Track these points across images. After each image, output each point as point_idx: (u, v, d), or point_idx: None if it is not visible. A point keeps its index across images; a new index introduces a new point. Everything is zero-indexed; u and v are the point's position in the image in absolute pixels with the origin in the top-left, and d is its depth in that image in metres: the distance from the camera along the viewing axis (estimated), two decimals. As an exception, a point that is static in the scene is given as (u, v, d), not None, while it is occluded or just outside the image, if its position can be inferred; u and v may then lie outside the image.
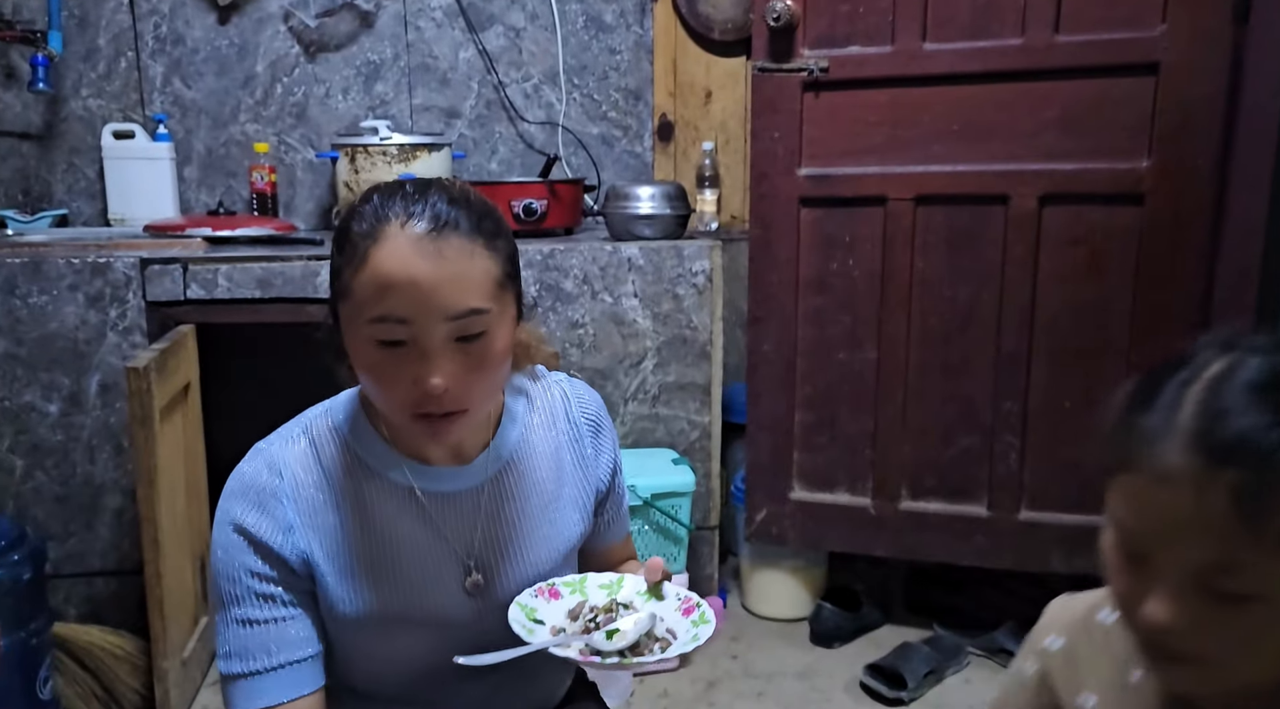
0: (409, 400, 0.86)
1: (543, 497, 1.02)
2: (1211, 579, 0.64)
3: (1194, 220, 1.92)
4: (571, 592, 1.01)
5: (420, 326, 0.84)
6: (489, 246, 0.87)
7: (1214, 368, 0.67)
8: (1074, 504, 2.07)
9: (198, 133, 2.55)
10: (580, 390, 1.09)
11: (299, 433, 0.97)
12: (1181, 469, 0.64)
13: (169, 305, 2.04)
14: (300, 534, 0.93)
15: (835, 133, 2.10)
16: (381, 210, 0.86)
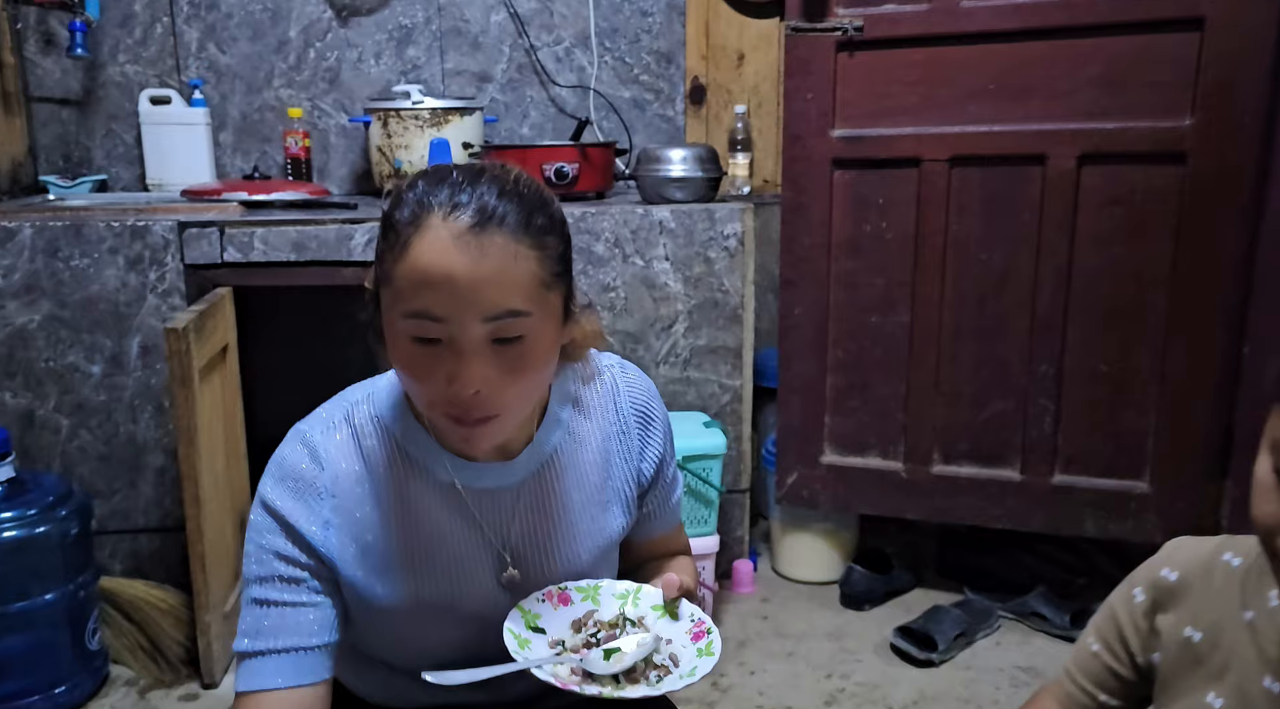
0: (441, 398, 0.84)
1: (586, 491, 1.00)
2: None
3: (1237, 180, 1.88)
4: (584, 598, 0.96)
5: (455, 326, 0.81)
6: (536, 245, 0.83)
7: None
8: (1108, 468, 2.06)
9: (232, 98, 2.57)
10: (632, 379, 1.04)
11: (340, 419, 0.95)
12: None
13: (206, 268, 2.07)
14: (336, 531, 0.92)
15: (869, 93, 2.08)
16: (426, 198, 0.82)
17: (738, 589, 2.30)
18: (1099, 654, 0.91)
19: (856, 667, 2.00)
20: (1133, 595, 0.89)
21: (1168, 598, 0.86)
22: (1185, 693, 0.84)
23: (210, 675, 1.91)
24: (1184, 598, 0.85)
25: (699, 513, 2.14)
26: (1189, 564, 0.86)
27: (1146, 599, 0.88)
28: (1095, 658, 0.91)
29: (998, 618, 2.13)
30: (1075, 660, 0.94)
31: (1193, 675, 0.83)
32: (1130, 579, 0.91)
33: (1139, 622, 0.88)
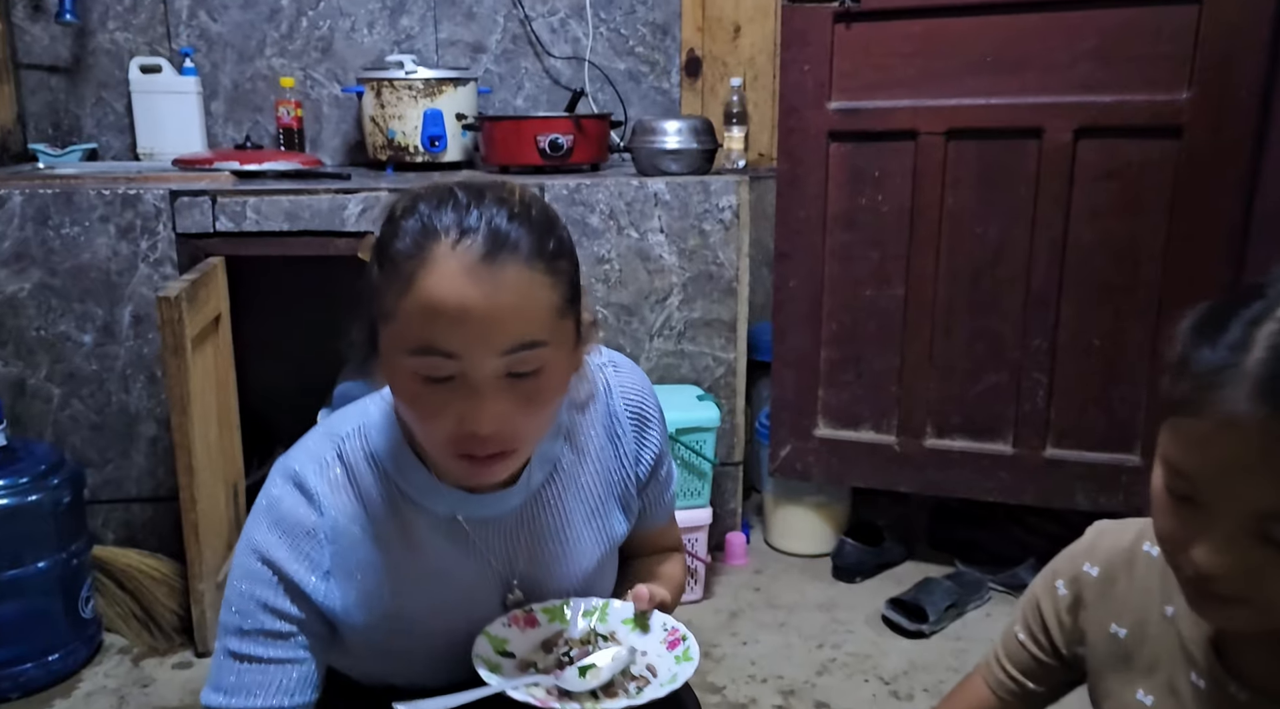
0: (452, 438, 0.78)
1: (588, 502, 0.97)
2: (1270, 529, 0.62)
3: (1233, 155, 1.87)
4: (550, 620, 0.94)
5: (470, 362, 0.75)
6: (550, 270, 0.77)
7: None
8: (1100, 442, 2.07)
9: (224, 67, 2.54)
10: (625, 380, 1.00)
11: (332, 458, 0.89)
12: (1248, 416, 0.60)
13: (198, 237, 2.05)
14: (336, 581, 0.87)
15: (866, 65, 2.07)
16: (430, 225, 0.75)
17: (730, 561, 2.31)
18: (1025, 644, 0.89)
19: (848, 637, 2.02)
20: (1055, 588, 0.87)
21: (1090, 594, 0.85)
22: (1115, 689, 0.83)
23: (204, 644, 1.91)
24: (1107, 593, 0.84)
25: (692, 485, 2.15)
26: (1111, 557, 0.84)
27: (1069, 595, 0.86)
28: (1022, 648, 0.90)
29: (988, 590, 2.15)
30: (1003, 647, 0.92)
31: (1121, 672, 0.83)
32: (1054, 568, 0.89)
33: (1063, 617, 0.87)
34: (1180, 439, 0.66)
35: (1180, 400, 0.65)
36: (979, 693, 0.91)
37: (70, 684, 1.84)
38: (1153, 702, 0.80)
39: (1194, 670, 0.77)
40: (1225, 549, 0.64)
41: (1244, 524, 0.63)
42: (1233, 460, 0.62)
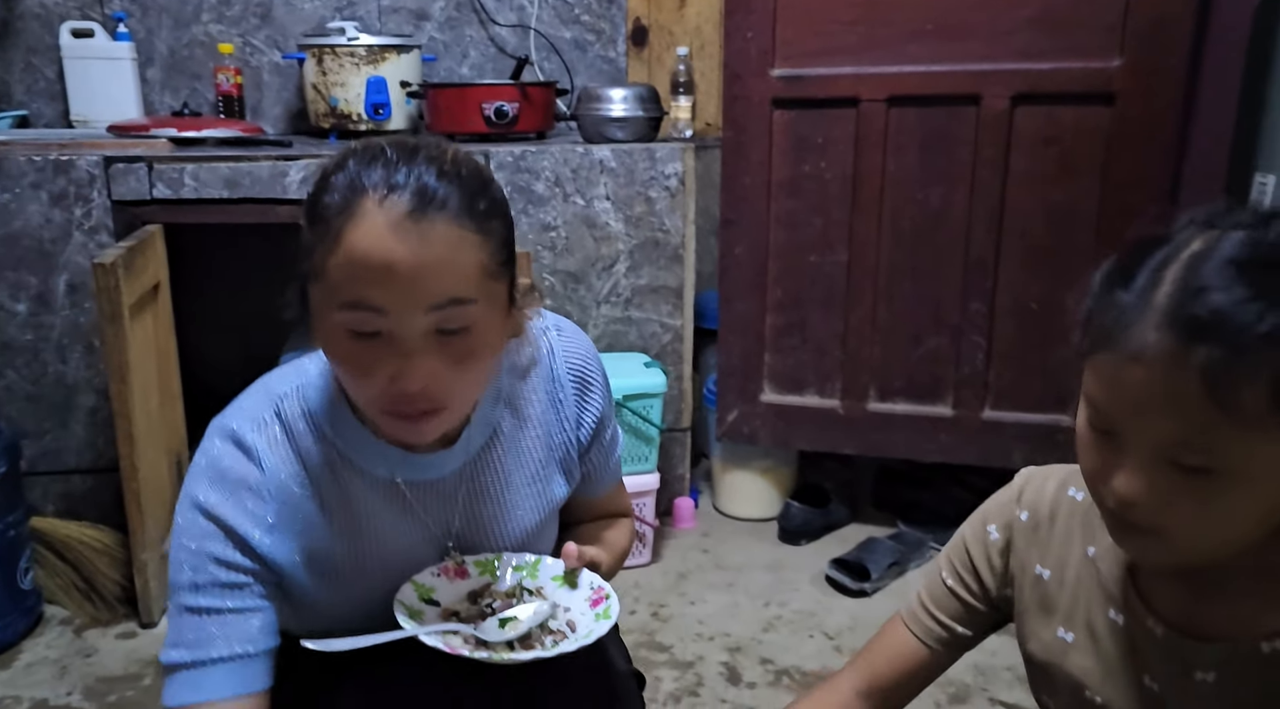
0: (383, 395, 0.79)
1: (529, 466, 0.98)
2: (1179, 455, 0.65)
3: (1163, 121, 1.93)
4: (481, 572, 0.95)
5: (397, 318, 0.76)
6: (480, 230, 0.78)
7: (1194, 246, 0.66)
8: (1036, 404, 2.12)
9: (159, 33, 2.48)
10: (568, 344, 1.00)
11: (270, 417, 0.89)
12: (1155, 347, 0.63)
13: (135, 205, 2.01)
14: (279, 535, 0.88)
15: (809, 32, 2.08)
16: (358, 181, 0.76)
17: (679, 525, 2.34)
18: (954, 590, 0.91)
19: (793, 596, 2.06)
20: (987, 532, 0.89)
21: (1020, 538, 0.87)
22: (1039, 629, 0.86)
23: (148, 614, 1.89)
24: (1034, 537, 0.86)
25: (640, 451, 2.17)
26: (1038, 502, 0.87)
27: (1001, 539, 0.88)
28: (950, 593, 0.92)
29: (929, 549, 2.20)
30: (928, 592, 0.94)
31: (1045, 612, 0.86)
32: (984, 514, 0.91)
33: (994, 560, 0.89)
34: (1098, 375, 0.69)
35: (1097, 339, 0.68)
36: (903, 640, 0.93)
37: (10, 656, 1.81)
38: (1073, 639, 0.84)
39: (1112, 607, 0.81)
40: (1140, 476, 0.67)
41: (1156, 452, 0.66)
42: (1143, 391, 0.65)
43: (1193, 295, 0.63)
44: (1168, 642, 0.77)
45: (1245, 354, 0.61)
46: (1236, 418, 0.62)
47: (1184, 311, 0.63)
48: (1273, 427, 0.62)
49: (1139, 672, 0.79)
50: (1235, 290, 0.62)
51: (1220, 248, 0.65)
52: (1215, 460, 0.64)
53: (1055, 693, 0.88)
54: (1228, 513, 0.67)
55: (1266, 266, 0.63)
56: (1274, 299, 0.61)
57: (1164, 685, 0.78)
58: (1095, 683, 0.82)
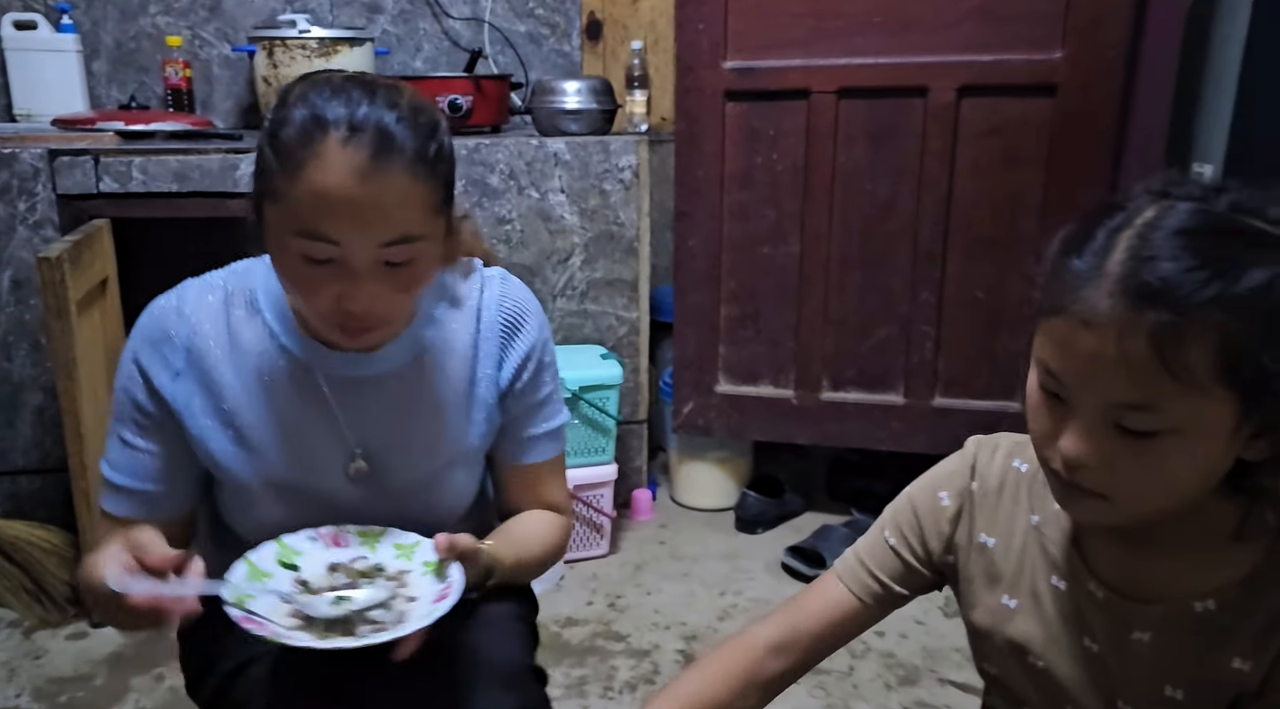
0: (329, 312, 0.86)
1: (451, 395, 1.00)
2: (1126, 417, 0.67)
3: (1103, 111, 1.97)
4: (362, 543, 0.94)
5: (350, 250, 0.82)
6: (431, 171, 0.84)
7: (1146, 214, 0.68)
8: (985, 391, 2.16)
9: (105, 25, 2.44)
10: (507, 289, 1.03)
11: (218, 285, 0.97)
12: (1107, 313, 0.65)
13: (81, 199, 1.98)
14: (186, 382, 0.94)
15: (760, 25, 2.11)
16: (321, 116, 0.81)
17: (636, 517, 2.36)
18: (896, 549, 0.92)
19: (749, 584, 2.08)
20: (939, 499, 0.90)
21: (972, 506, 0.89)
22: (983, 596, 0.88)
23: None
24: (983, 505, 0.88)
25: (596, 442, 2.18)
26: (986, 471, 0.88)
27: (953, 506, 0.89)
28: (892, 552, 0.92)
29: (883, 535, 2.23)
30: (868, 551, 0.94)
31: (990, 579, 0.88)
32: (934, 481, 0.92)
33: (942, 527, 0.90)
34: (1050, 339, 0.71)
35: (1050, 304, 0.70)
36: (836, 594, 0.94)
37: (-45, 659, 1.79)
38: (1017, 605, 0.86)
39: (1055, 573, 0.83)
40: (1088, 439, 0.69)
41: (1104, 415, 0.68)
42: (1093, 355, 0.67)
43: (1143, 263, 0.65)
44: (1108, 604, 0.79)
45: (1192, 319, 0.64)
46: (1183, 380, 0.65)
47: (1134, 279, 0.65)
48: (1215, 388, 0.65)
49: (1080, 635, 0.82)
50: (1183, 259, 0.65)
51: (1170, 217, 0.67)
52: (1160, 422, 0.67)
53: (998, 660, 0.90)
54: (1170, 473, 0.69)
55: (1213, 236, 0.66)
56: (1219, 267, 0.64)
57: (1104, 646, 0.80)
58: (1038, 647, 0.85)
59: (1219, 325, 0.64)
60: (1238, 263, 0.64)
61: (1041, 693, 0.86)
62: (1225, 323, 0.64)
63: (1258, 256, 0.65)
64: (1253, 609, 0.73)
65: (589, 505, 2.15)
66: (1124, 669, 0.79)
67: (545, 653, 1.79)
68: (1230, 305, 0.64)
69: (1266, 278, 0.64)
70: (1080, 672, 0.82)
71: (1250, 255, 0.65)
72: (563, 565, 2.12)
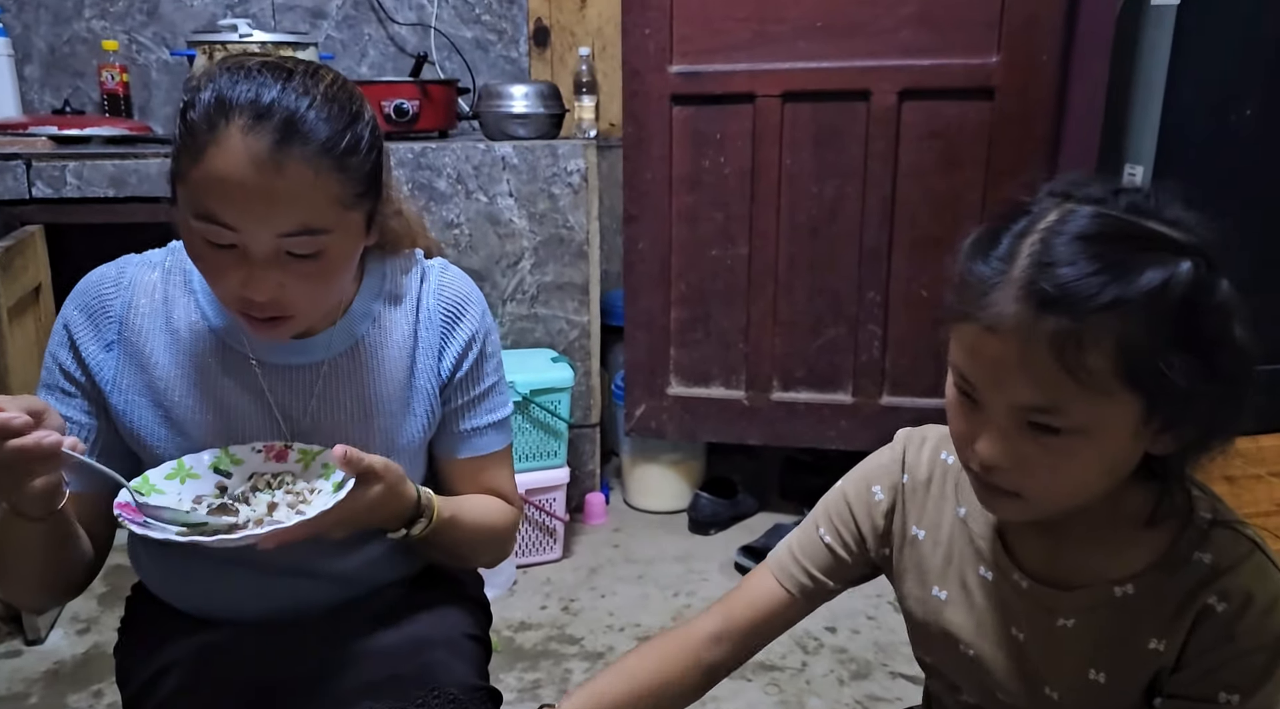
0: (234, 297, 0.84)
1: (389, 386, 0.97)
2: (1034, 418, 0.69)
3: (1039, 114, 2.02)
4: (298, 459, 0.92)
5: (248, 237, 0.80)
6: (339, 166, 0.81)
7: (1049, 218, 0.70)
8: (931, 389, 2.20)
9: (37, 29, 2.39)
10: (447, 279, 1.01)
11: (159, 261, 0.96)
12: (1010, 319, 0.67)
13: (12, 205, 1.94)
14: (117, 356, 0.93)
15: (705, 30, 2.13)
16: (226, 99, 0.79)
17: (590, 521, 2.35)
18: (830, 545, 0.93)
19: (702, 585, 2.08)
20: (872, 493, 0.91)
21: (902, 499, 0.90)
22: (916, 588, 0.90)
23: (35, 631, 1.81)
24: (913, 498, 0.90)
25: (548, 446, 2.17)
26: (916, 464, 0.90)
27: (886, 500, 0.91)
28: (825, 548, 0.93)
29: (834, 534, 2.25)
30: (800, 545, 0.95)
31: (921, 571, 0.89)
32: (865, 475, 0.93)
33: (877, 521, 0.91)
34: (960, 343, 0.73)
35: (959, 309, 0.72)
36: (768, 587, 0.94)
37: (-119, 682, 1.71)
38: (947, 596, 0.87)
39: (982, 565, 0.85)
40: (1000, 441, 0.71)
41: (1014, 417, 0.70)
42: (999, 360, 0.69)
43: (1042, 270, 0.67)
44: (1033, 593, 0.81)
45: (1089, 324, 0.65)
46: (1084, 382, 0.66)
47: (1034, 286, 0.67)
48: (1116, 389, 0.67)
49: (1008, 624, 0.84)
50: (1081, 264, 0.66)
51: (1070, 223, 0.69)
52: (1066, 421, 0.68)
53: (932, 649, 0.91)
54: (1079, 470, 0.71)
55: (1110, 240, 0.68)
56: (1115, 272, 0.66)
57: (1029, 634, 0.82)
58: (969, 637, 0.86)
59: (1116, 329, 0.65)
60: (1133, 266, 0.66)
61: (972, 680, 0.87)
62: (1122, 326, 0.65)
63: (1152, 259, 0.67)
64: (1165, 590, 0.75)
65: (541, 509, 2.14)
66: (1049, 655, 0.81)
67: (499, 658, 1.77)
68: (1126, 309, 0.65)
69: (1160, 280, 0.66)
70: (1008, 659, 0.84)
71: (1145, 258, 0.67)
72: (515, 570, 2.10)
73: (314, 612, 0.99)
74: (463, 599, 1.09)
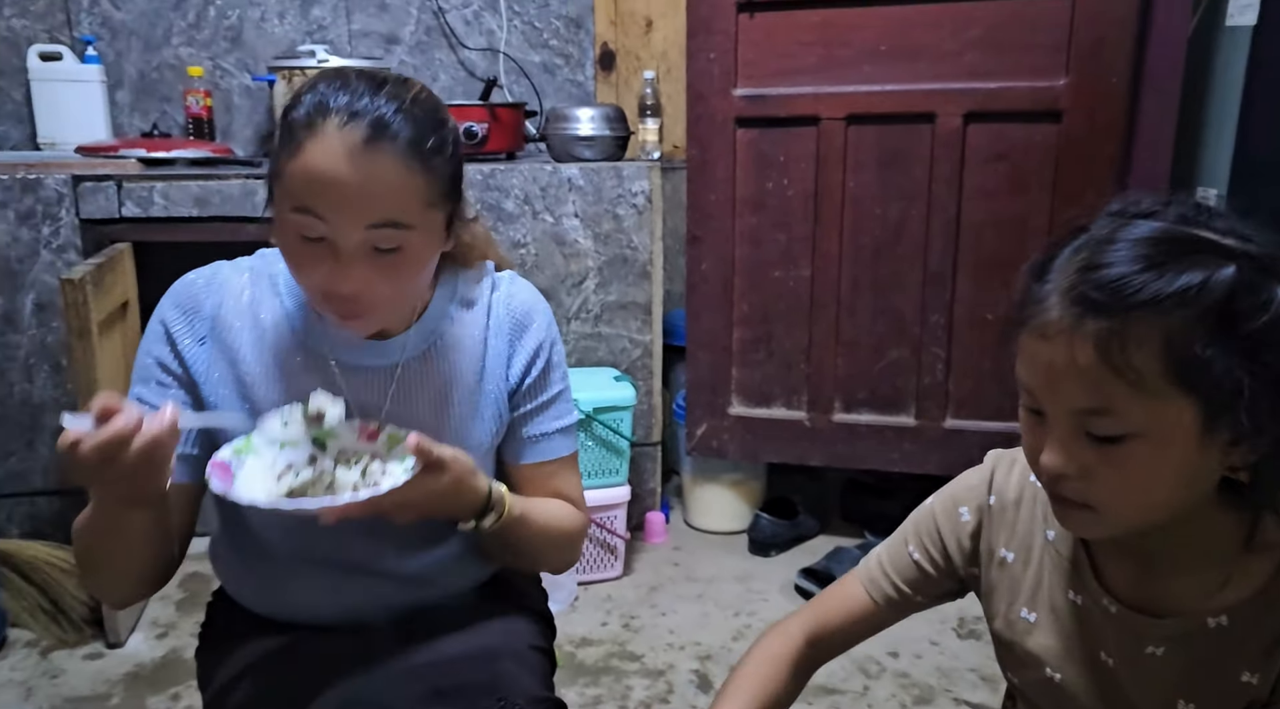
0: (320, 290, 0.89)
1: (459, 389, 1.01)
2: (1091, 424, 0.69)
3: (1108, 136, 2.00)
4: (385, 442, 0.94)
5: (336, 229, 0.85)
6: (425, 165, 0.87)
7: (1103, 232, 0.71)
8: (996, 411, 2.18)
9: (129, 56, 2.50)
10: (515, 289, 1.06)
11: (246, 266, 1.01)
12: (1056, 323, 0.68)
13: (103, 223, 2.02)
14: (209, 350, 0.98)
15: (769, 53, 2.15)
16: (324, 102, 0.85)
17: (650, 539, 2.36)
18: (919, 561, 0.94)
19: (763, 605, 2.08)
20: (959, 514, 0.92)
21: (989, 521, 0.91)
22: (1004, 609, 0.90)
23: (116, 635, 1.88)
24: (1001, 520, 0.90)
25: (610, 463, 2.19)
26: (1004, 486, 0.90)
27: (972, 521, 0.91)
28: (914, 564, 0.94)
29: (896, 557, 2.24)
30: (890, 560, 0.96)
31: (1010, 593, 0.89)
32: (954, 494, 0.94)
33: (964, 542, 0.92)
34: (1020, 356, 0.74)
35: (1016, 322, 0.73)
36: (856, 596, 0.96)
37: (-27, 678, 1.79)
38: (1036, 618, 0.87)
39: (1071, 588, 0.85)
40: (1061, 449, 0.71)
41: (1071, 424, 0.70)
42: (1051, 363, 0.70)
43: (1087, 273, 0.68)
44: (1121, 618, 0.81)
45: (1131, 321, 0.66)
46: (1132, 382, 0.66)
47: (1079, 288, 0.68)
48: (1167, 389, 0.67)
49: (1096, 649, 0.83)
50: (1124, 265, 0.67)
51: (1122, 232, 0.70)
52: (1122, 426, 0.68)
53: (1018, 669, 0.91)
54: (1144, 478, 0.71)
55: (1157, 243, 0.69)
56: (1160, 270, 0.67)
57: (1118, 660, 0.82)
58: (1055, 660, 0.86)
59: (1159, 327, 0.66)
60: (1174, 267, 0.66)
61: (1058, 705, 0.87)
62: (1165, 324, 0.66)
63: (1195, 261, 0.67)
64: (1263, 623, 0.74)
65: (602, 527, 2.16)
66: (1137, 683, 0.80)
67: (560, 673, 1.79)
68: (1167, 306, 0.66)
69: (1200, 279, 0.66)
70: (1095, 685, 0.83)
71: (1188, 260, 0.67)
72: (577, 587, 2.12)
73: (385, 615, 1.02)
74: (528, 611, 1.11)
